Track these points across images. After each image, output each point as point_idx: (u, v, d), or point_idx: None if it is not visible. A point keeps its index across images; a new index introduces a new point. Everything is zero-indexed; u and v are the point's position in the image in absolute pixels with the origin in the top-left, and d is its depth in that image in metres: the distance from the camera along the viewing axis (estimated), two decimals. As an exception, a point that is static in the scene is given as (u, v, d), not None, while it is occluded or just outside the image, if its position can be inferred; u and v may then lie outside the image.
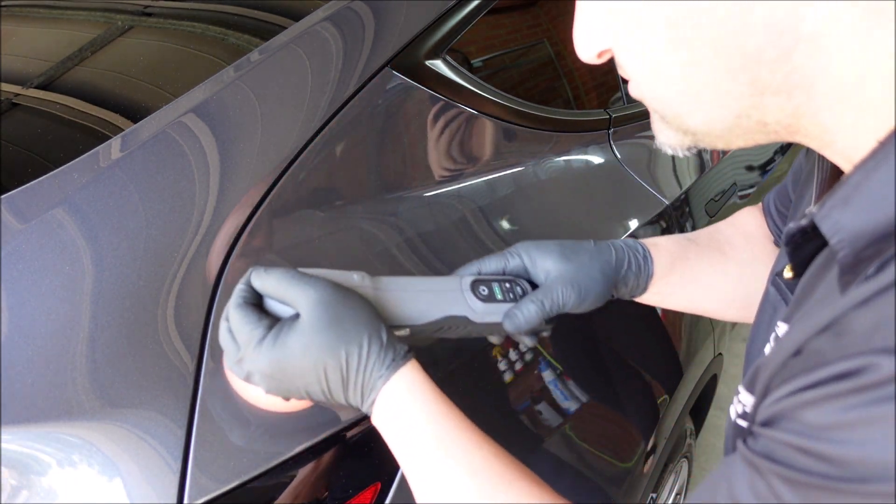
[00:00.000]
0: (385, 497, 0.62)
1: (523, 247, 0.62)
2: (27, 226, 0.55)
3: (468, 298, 0.57)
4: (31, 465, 0.50)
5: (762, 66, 0.35)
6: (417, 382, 0.50)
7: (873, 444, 0.27)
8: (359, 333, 0.48)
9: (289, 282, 0.49)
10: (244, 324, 0.49)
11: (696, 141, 0.42)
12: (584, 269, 0.60)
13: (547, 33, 1.07)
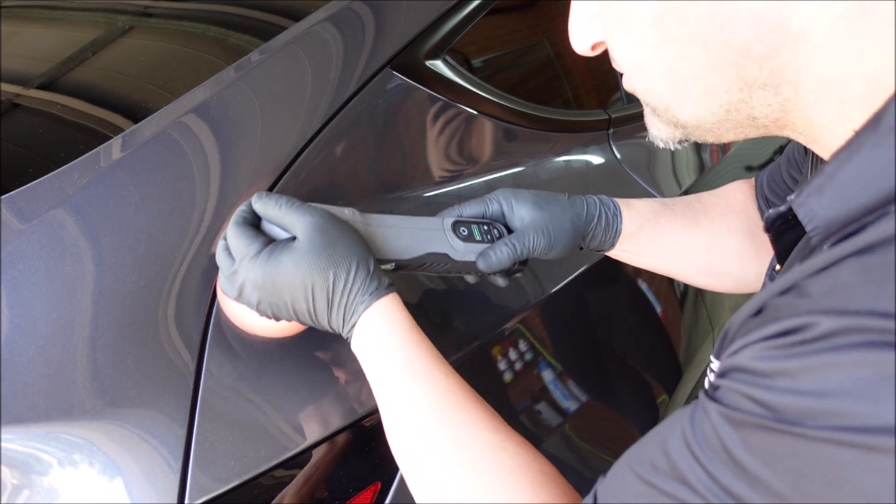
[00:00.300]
0: (385, 497, 0.62)
1: (502, 193, 0.66)
2: (28, 226, 0.55)
3: (449, 237, 0.61)
4: (33, 465, 0.50)
5: (750, 61, 0.35)
6: (396, 312, 0.52)
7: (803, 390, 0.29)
8: (348, 259, 0.51)
9: (288, 207, 0.53)
10: (241, 239, 0.52)
11: (687, 134, 0.43)
12: (556, 219, 0.64)
13: (547, 33, 1.07)
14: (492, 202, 0.66)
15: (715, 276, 0.71)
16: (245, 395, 0.57)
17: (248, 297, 0.52)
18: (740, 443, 0.32)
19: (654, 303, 1.05)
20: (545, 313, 0.81)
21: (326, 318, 0.53)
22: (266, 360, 0.59)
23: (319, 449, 0.59)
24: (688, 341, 1.16)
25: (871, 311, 0.28)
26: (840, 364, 0.29)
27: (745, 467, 0.31)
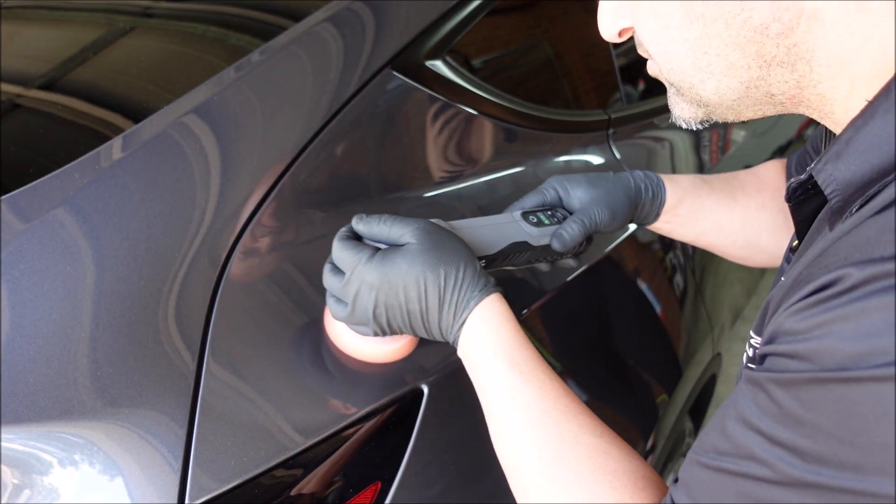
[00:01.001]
0: (385, 497, 0.62)
1: (556, 181, 0.70)
2: (29, 226, 0.55)
3: (524, 226, 0.65)
4: (33, 465, 0.50)
5: (768, 38, 0.39)
6: (503, 311, 0.54)
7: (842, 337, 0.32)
8: (457, 258, 0.54)
9: (392, 220, 0.56)
10: (350, 251, 0.55)
11: (709, 113, 0.46)
12: (612, 193, 0.68)
13: (547, 34, 1.07)
14: (548, 190, 0.70)
15: (749, 249, 0.75)
16: (245, 395, 0.57)
17: (363, 304, 0.54)
18: (794, 400, 0.33)
19: (654, 303, 1.05)
20: (545, 313, 0.81)
21: (437, 317, 0.54)
22: (266, 360, 0.59)
23: (319, 449, 0.59)
24: (687, 341, 1.16)
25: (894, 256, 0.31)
26: (872, 309, 0.31)
27: (803, 421, 0.33)
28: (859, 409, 0.31)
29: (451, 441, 0.69)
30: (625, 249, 0.97)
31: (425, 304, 0.53)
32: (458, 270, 0.54)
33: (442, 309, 0.54)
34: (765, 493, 0.35)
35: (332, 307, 0.57)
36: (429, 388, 0.66)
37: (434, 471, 0.67)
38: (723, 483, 0.37)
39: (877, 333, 0.30)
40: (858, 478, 0.31)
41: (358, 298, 0.54)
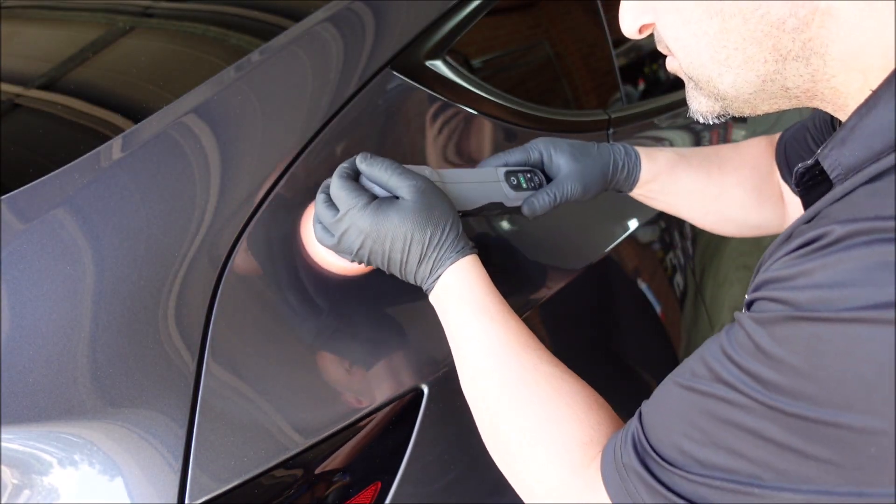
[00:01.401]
0: (385, 497, 0.62)
1: (542, 143, 0.74)
2: (29, 226, 0.55)
3: (504, 188, 0.69)
4: (33, 465, 0.50)
5: (784, 34, 0.41)
6: (476, 269, 0.59)
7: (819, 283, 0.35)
8: (444, 221, 0.58)
9: (393, 170, 0.60)
10: (349, 192, 0.58)
11: (726, 106, 0.48)
12: (589, 169, 0.72)
13: (547, 34, 1.07)
14: (533, 151, 0.73)
15: (720, 222, 0.81)
16: (245, 395, 0.57)
17: (350, 242, 0.58)
18: (767, 336, 0.36)
19: (654, 303, 1.05)
20: (545, 313, 0.81)
21: (415, 268, 0.59)
22: (266, 360, 0.59)
23: (319, 449, 0.59)
24: (687, 341, 1.16)
25: (877, 216, 0.34)
26: (850, 259, 0.34)
27: (771, 354, 0.36)
28: (822, 347, 0.34)
29: (451, 441, 0.69)
30: (625, 249, 0.97)
31: (406, 257, 0.58)
32: (443, 232, 0.58)
33: (421, 263, 0.58)
34: (729, 414, 0.38)
35: (318, 233, 0.61)
36: (429, 388, 0.66)
37: (434, 470, 0.67)
38: (691, 401, 0.40)
39: (850, 281, 0.33)
40: (812, 408, 0.34)
41: (346, 235, 0.58)
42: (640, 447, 0.43)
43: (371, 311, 0.67)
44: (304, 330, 0.62)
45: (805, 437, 0.35)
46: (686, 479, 0.39)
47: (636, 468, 0.42)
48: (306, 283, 0.65)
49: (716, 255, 1.35)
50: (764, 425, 0.36)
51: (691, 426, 0.40)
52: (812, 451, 0.34)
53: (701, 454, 0.39)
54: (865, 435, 0.33)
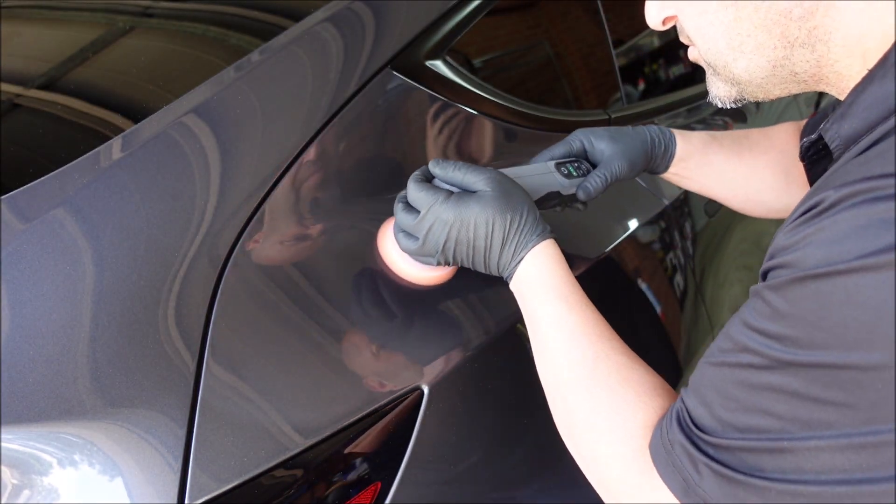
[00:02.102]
0: (385, 497, 0.62)
1: (582, 133, 0.78)
2: (28, 226, 0.55)
3: (558, 178, 0.73)
4: (33, 465, 0.50)
5: (791, 22, 0.45)
6: (556, 253, 0.62)
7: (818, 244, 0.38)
8: (522, 206, 0.62)
9: (466, 168, 0.63)
10: (427, 191, 0.62)
11: (741, 91, 0.53)
12: (631, 147, 0.76)
13: (547, 34, 1.07)
14: (574, 141, 0.78)
15: (749, 203, 0.85)
16: (245, 395, 0.57)
17: (435, 238, 0.61)
18: (780, 299, 0.40)
19: (654, 303, 1.05)
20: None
21: (498, 253, 0.61)
22: (266, 360, 0.59)
23: (319, 449, 0.59)
24: (688, 341, 1.16)
25: (865, 177, 0.38)
26: (843, 219, 0.37)
27: (784, 313, 0.40)
28: (826, 299, 0.37)
29: (451, 441, 0.69)
30: (625, 249, 0.97)
31: (490, 242, 0.61)
32: (522, 216, 0.61)
33: (503, 248, 0.61)
34: (756, 378, 0.41)
35: (401, 241, 0.64)
36: (429, 388, 0.66)
37: (434, 471, 0.67)
38: (722, 375, 0.44)
39: (844, 238, 0.37)
40: (823, 353, 0.38)
41: (430, 233, 0.61)
42: (683, 424, 0.46)
43: (371, 312, 0.67)
44: (303, 330, 0.62)
45: (822, 383, 0.38)
46: (725, 445, 0.42)
47: (681, 441, 0.45)
48: (306, 283, 0.65)
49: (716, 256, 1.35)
50: (786, 380, 0.39)
51: (725, 397, 0.43)
52: (829, 396, 0.38)
53: (736, 420, 0.42)
54: (871, 371, 0.36)
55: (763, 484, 0.40)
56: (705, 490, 0.43)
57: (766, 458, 0.40)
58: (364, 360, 0.64)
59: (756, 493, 0.40)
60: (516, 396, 0.77)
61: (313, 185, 0.68)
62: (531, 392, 0.79)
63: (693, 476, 0.44)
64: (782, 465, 0.40)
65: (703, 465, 0.43)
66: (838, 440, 0.37)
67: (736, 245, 1.44)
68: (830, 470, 0.38)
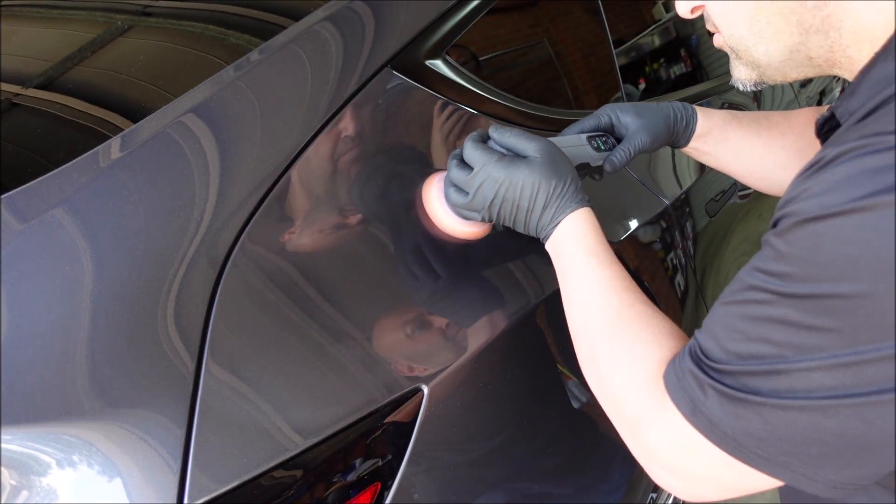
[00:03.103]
0: (385, 497, 0.62)
1: (609, 108, 0.84)
2: (27, 226, 0.55)
3: (589, 150, 0.79)
4: (31, 465, 0.50)
5: (806, 10, 0.51)
6: (591, 219, 0.67)
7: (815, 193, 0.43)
8: (566, 173, 0.68)
9: (521, 135, 0.70)
10: (483, 150, 0.68)
11: (761, 74, 0.58)
12: (653, 122, 0.82)
13: (547, 33, 1.07)
14: (603, 116, 0.83)
15: (765, 181, 0.88)
16: (245, 396, 0.57)
17: (484, 194, 0.67)
18: (783, 242, 0.45)
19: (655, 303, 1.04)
20: (546, 312, 0.81)
21: (539, 215, 0.67)
22: (266, 360, 0.59)
23: (319, 449, 0.59)
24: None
25: (860, 136, 0.42)
26: (838, 171, 0.42)
27: (785, 253, 0.44)
28: (819, 238, 0.42)
29: (451, 441, 0.69)
30: (626, 249, 0.97)
31: (533, 203, 0.67)
32: (565, 184, 0.67)
33: (545, 210, 0.67)
34: (759, 311, 0.46)
35: (451, 195, 0.70)
36: (429, 388, 0.66)
37: (434, 471, 0.67)
38: (730, 311, 0.49)
39: (837, 187, 0.42)
40: (815, 285, 0.43)
41: (480, 189, 0.67)
42: (694, 355, 0.51)
43: (371, 312, 0.67)
44: (303, 330, 0.62)
45: (814, 312, 0.43)
46: (728, 370, 0.47)
47: (690, 368, 0.50)
48: (306, 283, 0.65)
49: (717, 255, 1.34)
50: (784, 311, 0.44)
51: (732, 330, 0.48)
52: (819, 323, 0.42)
53: (739, 349, 0.47)
54: (855, 299, 0.41)
55: (760, 400, 0.45)
56: (709, 409, 0.48)
57: (764, 379, 0.45)
58: (364, 360, 0.64)
59: (752, 410, 0.46)
60: (516, 396, 0.77)
61: (313, 184, 0.68)
62: (531, 392, 0.79)
63: (699, 397, 0.49)
64: (777, 386, 0.45)
65: (709, 387, 0.48)
66: (826, 360, 0.42)
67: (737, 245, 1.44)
68: (818, 388, 0.43)
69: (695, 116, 0.85)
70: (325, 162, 0.69)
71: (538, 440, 0.79)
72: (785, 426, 0.45)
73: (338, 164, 0.71)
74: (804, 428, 0.44)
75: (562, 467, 0.83)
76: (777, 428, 0.45)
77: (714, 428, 0.48)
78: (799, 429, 0.44)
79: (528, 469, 0.78)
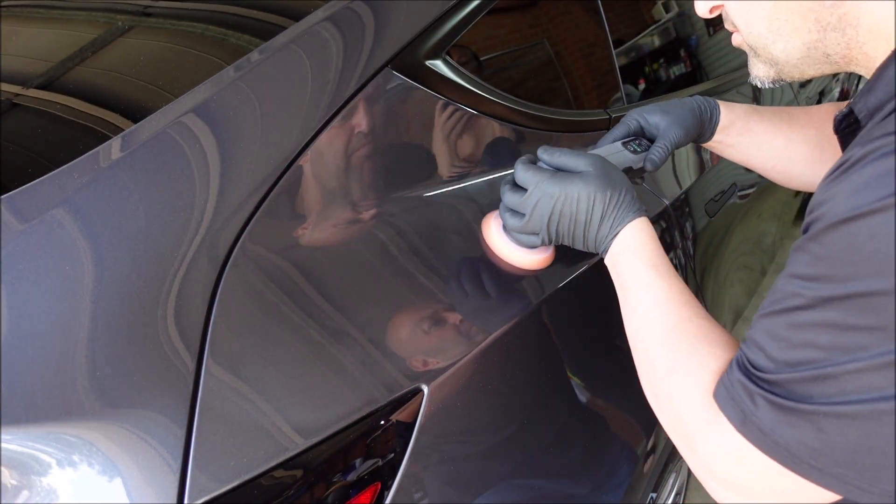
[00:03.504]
0: (385, 498, 0.62)
1: (636, 113, 0.86)
2: (27, 226, 0.55)
3: (627, 155, 0.81)
4: (32, 465, 0.50)
5: (823, 9, 0.52)
6: (648, 229, 0.68)
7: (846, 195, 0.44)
8: (621, 185, 0.69)
9: (571, 152, 0.71)
10: (535, 171, 0.70)
11: (779, 71, 0.59)
12: (681, 115, 0.84)
13: (547, 33, 1.07)
14: (630, 121, 0.85)
15: (785, 174, 0.90)
16: (245, 395, 0.57)
17: (542, 211, 0.68)
18: (817, 245, 0.46)
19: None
20: (548, 312, 0.81)
21: (597, 227, 0.68)
22: (266, 360, 0.59)
23: (319, 449, 0.59)
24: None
25: (884, 133, 0.44)
26: (865, 172, 0.43)
27: (821, 256, 0.45)
28: (854, 238, 0.43)
29: (451, 441, 0.69)
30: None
31: (590, 216, 0.67)
32: (620, 194, 0.68)
33: (602, 222, 0.67)
34: (801, 318, 0.46)
35: (507, 219, 0.72)
36: (429, 388, 0.66)
37: (434, 471, 0.67)
38: (774, 321, 0.49)
39: (867, 186, 0.42)
40: (855, 283, 0.43)
41: (536, 208, 0.68)
42: (742, 367, 0.51)
43: (371, 312, 0.67)
44: (303, 330, 0.62)
45: (856, 311, 0.43)
46: (777, 380, 0.48)
47: (740, 379, 0.50)
48: (306, 282, 0.65)
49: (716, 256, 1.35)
50: (827, 315, 0.45)
51: (777, 339, 0.48)
52: (863, 322, 0.43)
53: (786, 357, 0.47)
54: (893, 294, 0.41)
55: (811, 409, 0.45)
56: (760, 419, 0.48)
57: (813, 385, 0.45)
58: (364, 360, 0.64)
59: (804, 418, 0.45)
60: (516, 397, 0.77)
61: (313, 184, 0.68)
62: (531, 392, 0.79)
63: (749, 407, 0.49)
64: (827, 391, 0.44)
65: (759, 397, 0.48)
66: (874, 360, 0.42)
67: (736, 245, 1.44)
68: (869, 389, 0.43)
69: (717, 108, 0.86)
70: (326, 162, 0.69)
71: (539, 440, 0.79)
72: (838, 433, 0.44)
73: (338, 164, 0.71)
74: (858, 435, 0.44)
75: (562, 467, 0.83)
76: (830, 436, 0.45)
77: (766, 438, 0.48)
78: (853, 437, 0.44)
79: (528, 469, 0.78)
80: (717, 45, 1.52)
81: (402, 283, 0.71)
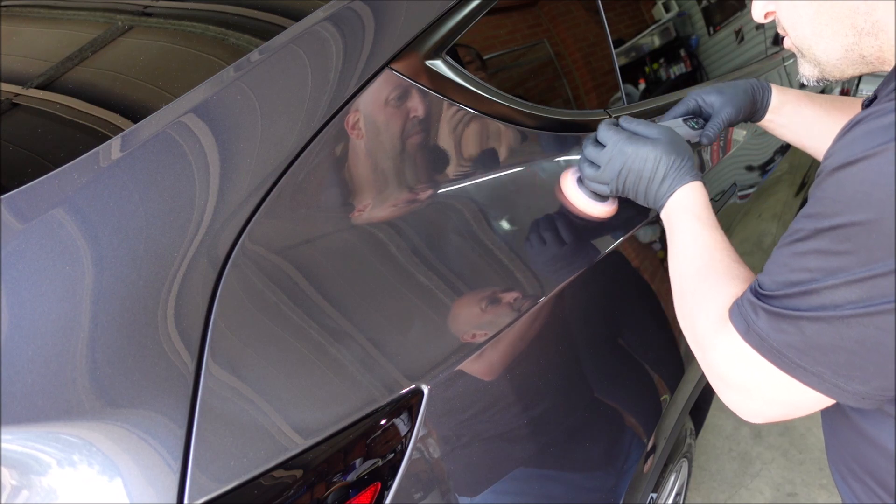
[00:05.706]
0: (385, 497, 0.62)
1: (694, 93, 0.98)
2: (27, 226, 0.55)
3: (688, 130, 0.93)
4: (32, 465, 0.50)
5: (858, 15, 0.59)
6: (702, 191, 0.80)
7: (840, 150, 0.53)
8: (684, 152, 0.81)
9: (647, 123, 0.83)
10: (615, 131, 0.83)
11: (822, 71, 0.67)
12: (734, 94, 0.96)
13: (547, 33, 1.07)
14: (689, 101, 0.97)
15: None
16: (245, 396, 0.57)
17: (615, 164, 0.81)
18: (817, 189, 0.55)
19: (655, 302, 1.05)
20: (549, 312, 0.81)
21: (658, 185, 0.80)
22: (266, 360, 0.59)
23: (319, 449, 0.59)
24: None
25: (883, 100, 0.53)
26: (859, 129, 0.52)
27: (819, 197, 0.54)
28: (842, 181, 0.52)
29: (450, 441, 0.69)
30: (628, 249, 0.97)
31: (655, 174, 0.80)
32: (682, 160, 0.80)
33: (664, 181, 0.80)
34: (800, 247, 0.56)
35: (584, 169, 0.85)
36: (429, 388, 0.66)
37: (434, 471, 0.67)
38: (782, 251, 0.58)
39: (856, 142, 0.51)
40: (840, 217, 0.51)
41: (611, 162, 0.81)
42: (752, 289, 0.61)
43: (371, 312, 0.67)
44: (303, 330, 0.62)
45: (837, 240, 0.52)
46: (775, 295, 0.57)
47: (749, 298, 0.60)
48: (306, 282, 0.65)
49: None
50: (817, 243, 0.54)
51: (781, 265, 0.58)
52: (842, 248, 0.52)
53: (786, 278, 0.57)
54: (867, 225, 0.50)
55: (797, 314, 0.55)
56: (759, 326, 0.58)
57: (801, 299, 0.55)
58: (364, 360, 0.64)
59: (791, 323, 0.55)
60: (516, 396, 0.77)
61: (313, 184, 0.68)
62: (532, 392, 0.79)
63: (752, 317, 0.59)
64: (811, 303, 0.54)
65: (760, 309, 0.58)
66: (847, 278, 0.51)
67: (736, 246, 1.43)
68: (843, 302, 0.52)
69: (769, 90, 0.97)
70: (325, 162, 0.69)
71: (539, 439, 0.79)
72: (816, 335, 0.54)
73: (338, 164, 0.71)
74: (831, 337, 0.53)
75: (563, 467, 0.83)
76: (810, 338, 0.54)
77: (763, 342, 0.58)
78: (827, 338, 0.53)
79: (528, 468, 0.78)
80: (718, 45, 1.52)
81: (402, 283, 0.71)
